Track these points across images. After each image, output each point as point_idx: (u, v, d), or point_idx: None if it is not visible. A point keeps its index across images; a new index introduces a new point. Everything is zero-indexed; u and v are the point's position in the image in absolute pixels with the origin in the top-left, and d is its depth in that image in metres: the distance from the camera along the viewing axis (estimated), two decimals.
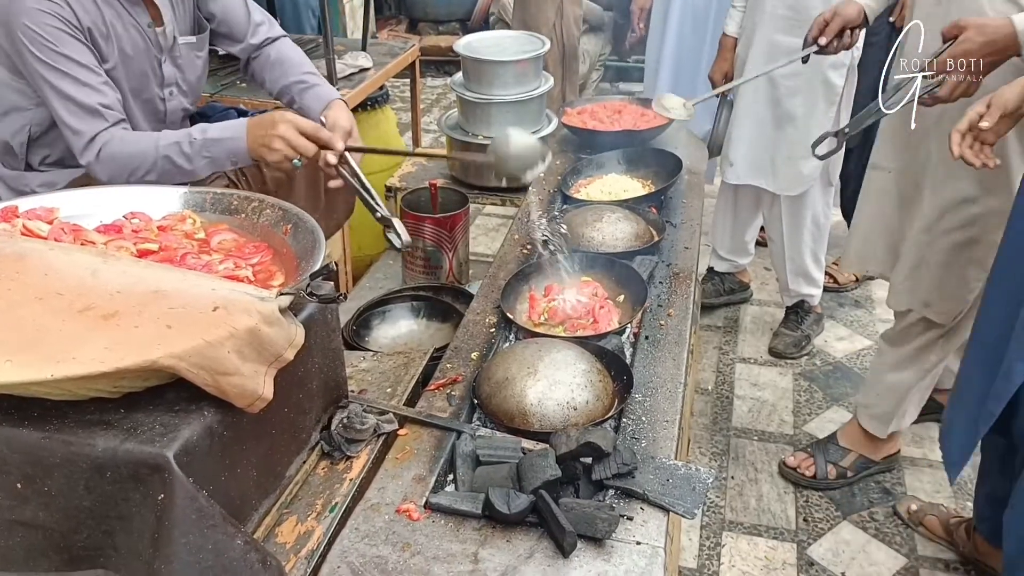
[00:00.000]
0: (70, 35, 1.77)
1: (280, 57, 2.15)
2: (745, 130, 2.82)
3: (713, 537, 2.31)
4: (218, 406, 1.07)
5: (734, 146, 2.86)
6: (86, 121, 1.79)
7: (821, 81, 2.64)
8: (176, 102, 2.08)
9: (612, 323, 1.69)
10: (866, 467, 2.47)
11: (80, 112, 1.79)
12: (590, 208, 2.08)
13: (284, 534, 1.24)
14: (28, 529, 1.04)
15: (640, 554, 1.19)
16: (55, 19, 1.75)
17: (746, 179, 2.88)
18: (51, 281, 1.11)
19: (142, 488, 1.00)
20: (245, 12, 2.13)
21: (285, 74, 2.13)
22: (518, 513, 1.21)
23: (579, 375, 1.47)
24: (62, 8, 1.75)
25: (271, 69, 2.15)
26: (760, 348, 3.11)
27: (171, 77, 2.03)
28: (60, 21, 1.75)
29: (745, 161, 2.85)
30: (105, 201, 1.47)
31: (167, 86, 2.03)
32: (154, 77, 1.99)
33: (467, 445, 1.37)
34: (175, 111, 2.09)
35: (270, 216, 1.44)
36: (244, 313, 1.07)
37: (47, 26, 1.74)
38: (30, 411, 1.03)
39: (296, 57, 2.17)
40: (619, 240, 1.97)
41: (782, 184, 2.82)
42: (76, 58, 1.78)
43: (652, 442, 1.41)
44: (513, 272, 1.87)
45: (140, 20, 1.91)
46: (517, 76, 2.67)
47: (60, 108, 1.79)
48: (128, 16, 1.89)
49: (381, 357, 1.68)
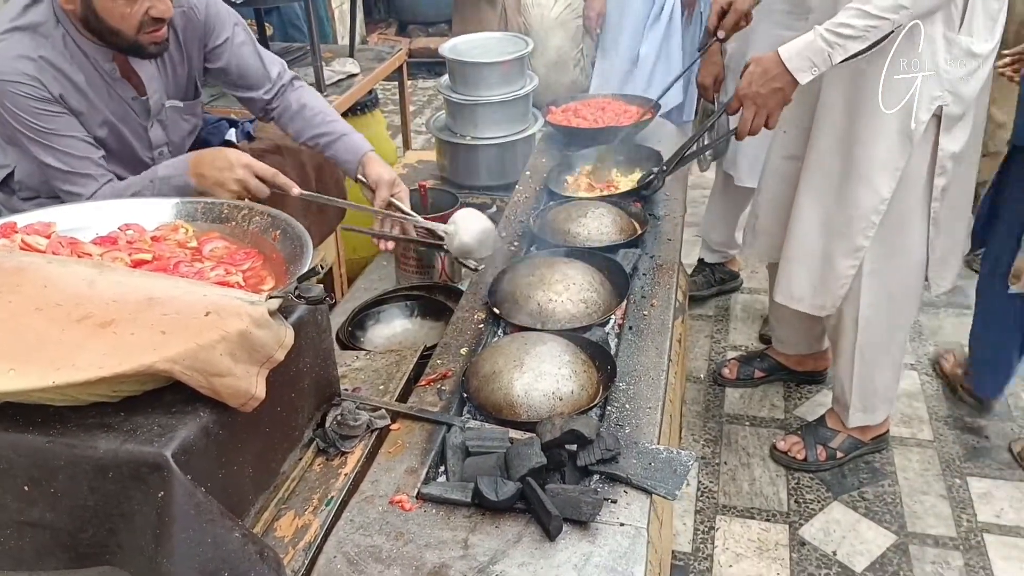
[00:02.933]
0: (45, 110, 1.77)
1: (301, 106, 2.12)
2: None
3: (707, 521, 2.36)
4: (213, 407, 1.11)
5: (741, 148, 2.89)
6: (79, 185, 1.83)
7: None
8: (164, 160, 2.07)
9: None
10: (855, 447, 2.52)
11: (71, 178, 1.83)
12: (574, 204, 2.13)
13: (282, 528, 1.29)
14: (36, 529, 1.09)
15: (624, 535, 1.24)
16: (28, 99, 1.75)
17: (748, 182, 2.92)
18: (50, 292, 1.16)
19: (143, 487, 1.05)
20: (258, 62, 2.09)
21: (310, 124, 2.11)
22: (506, 500, 1.26)
23: (564, 366, 1.52)
24: (30, 87, 1.75)
25: (293, 120, 2.13)
26: (751, 335, 3.15)
27: (158, 140, 2.03)
28: (34, 100, 1.76)
29: (747, 161, 2.89)
30: (100, 214, 1.51)
31: (156, 148, 2.04)
32: (139, 141, 2.00)
33: (457, 437, 1.42)
34: None
35: (259, 223, 1.49)
36: (235, 317, 1.12)
37: (24, 105, 1.76)
38: (34, 417, 1.08)
39: (317, 104, 2.14)
40: (604, 235, 2.02)
41: None
42: (58, 130, 1.80)
43: (636, 428, 1.46)
44: (500, 269, 1.92)
45: (124, 94, 1.91)
46: (502, 77, 2.72)
47: (52, 176, 1.83)
48: (113, 91, 1.89)
49: (374, 356, 1.73)
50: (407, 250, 2.50)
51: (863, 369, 2.35)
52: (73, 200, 1.82)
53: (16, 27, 1.76)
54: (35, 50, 1.76)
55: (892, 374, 2.39)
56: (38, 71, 1.76)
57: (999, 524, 2.32)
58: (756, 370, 2.86)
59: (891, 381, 2.41)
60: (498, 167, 2.80)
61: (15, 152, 1.92)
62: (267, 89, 2.11)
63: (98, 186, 1.84)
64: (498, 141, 2.77)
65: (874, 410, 2.44)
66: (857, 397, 2.40)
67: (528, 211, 2.24)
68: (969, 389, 2.72)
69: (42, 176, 1.90)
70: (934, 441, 2.61)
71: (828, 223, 2.18)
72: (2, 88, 1.75)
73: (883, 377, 2.38)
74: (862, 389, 2.39)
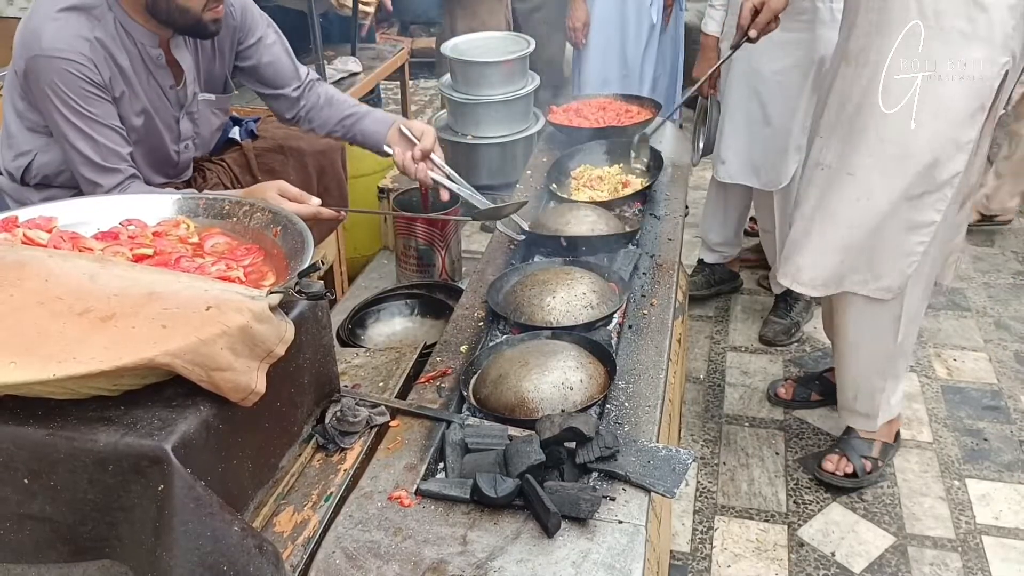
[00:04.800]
0: (93, 94, 1.80)
1: (329, 98, 2.21)
2: (737, 128, 2.86)
3: (706, 521, 2.37)
4: (213, 401, 1.12)
5: (726, 144, 2.90)
6: (103, 176, 1.85)
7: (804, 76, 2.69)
8: (188, 155, 2.13)
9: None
10: (887, 452, 2.48)
11: (98, 169, 1.84)
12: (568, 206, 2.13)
13: (281, 523, 1.30)
14: (36, 522, 1.10)
15: (622, 532, 1.25)
16: (80, 79, 1.77)
17: (738, 178, 2.93)
18: (51, 286, 1.16)
19: (143, 480, 1.05)
20: (289, 60, 2.17)
21: (338, 110, 2.19)
22: (505, 496, 1.26)
23: (569, 359, 1.54)
24: (86, 67, 1.77)
25: (322, 111, 2.20)
26: (750, 336, 3.16)
27: (187, 132, 2.08)
28: (85, 81, 1.78)
29: (737, 159, 2.89)
30: (102, 209, 1.52)
31: (183, 140, 2.08)
32: (169, 133, 2.03)
33: (456, 434, 1.43)
34: (186, 162, 2.15)
35: (261, 219, 1.50)
36: (236, 312, 1.13)
37: (75, 85, 1.77)
38: (34, 410, 1.09)
39: (341, 96, 2.25)
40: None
41: (765, 180, 2.88)
42: (98, 117, 1.82)
43: (635, 426, 1.46)
44: (501, 267, 1.92)
45: (164, 82, 1.95)
46: (504, 76, 2.73)
47: (79, 163, 1.84)
48: (152, 79, 1.92)
49: (373, 353, 1.73)
50: (407, 248, 2.50)
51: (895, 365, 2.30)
52: (93, 191, 1.85)
53: (71, 7, 1.78)
54: (91, 31, 1.79)
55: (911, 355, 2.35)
56: (92, 52, 1.78)
57: (998, 526, 2.32)
58: (813, 392, 2.77)
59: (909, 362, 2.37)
60: (499, 166, 2.81)
61: (39, 141, 1.92)
62: (296, 87, 2.18)
63: (122, 178, 1.86)
64: (499, 140, 2.77)
65: (894, 404, 2.40)
66: (887, 397, 2.35)
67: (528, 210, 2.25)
68: None
69: (62, 166, 1.91)
70: (933, 443, 2.61)
71: (898, 201, 2.04)
72: (56, 65, 1.76)
73: (905, 364, 2.33)
74: (892, 386, 2.35)
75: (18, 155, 1.96)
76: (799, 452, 2.60)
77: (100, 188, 1.85)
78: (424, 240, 2.46)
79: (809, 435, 2.67)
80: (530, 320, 1.72)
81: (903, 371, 2.38)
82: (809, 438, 2.66)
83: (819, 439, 2.65)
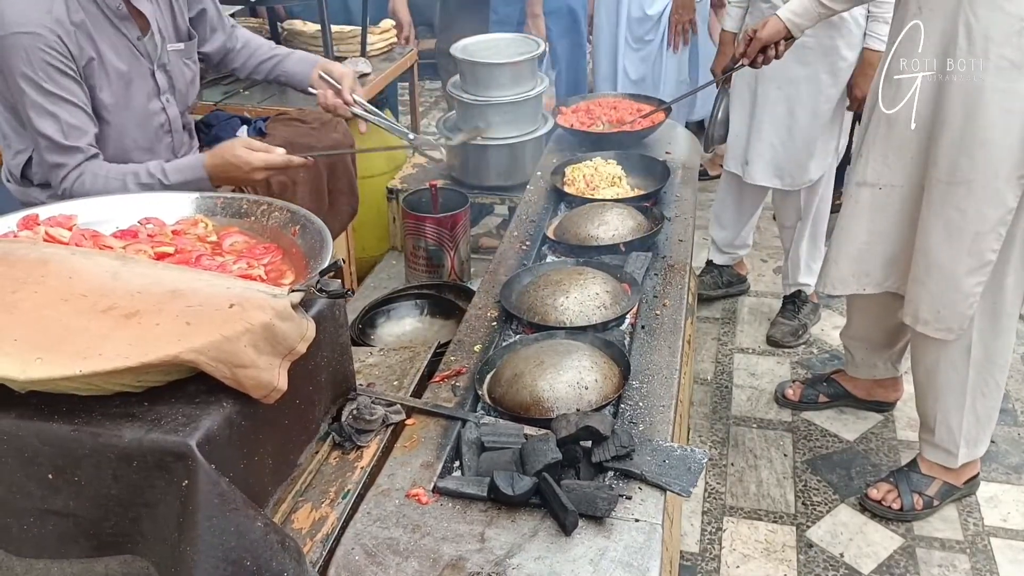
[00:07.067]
0: (58, 68, 1.78)
1: (247, 41, 2.30)
2: (762, 132, 2.85)
3: (714, 522, 2.37)
4: (236, 397, 1.13)
5: (751, 147, 2.89)
6: (64, 155, 1.83)
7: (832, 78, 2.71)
8: (173, 110, 2.10)
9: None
10: (950, 493, 2.38)
11: (60, 149, 1.83)
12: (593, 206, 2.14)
13: (300, 520, 1.30)
14: (59, 517, 1.10)
15: (639, 530, 1.25)
16: (44, 51, 1.75)
17: (762, 180, 2.93)
18: (75, 283, 1.17)
19: (167, 475, 1.06)
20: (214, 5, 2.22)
21: (256, 54, 2.29)
22: (522, 495, 1.27)
23: (584, 359, 1.55)
24: (48, 38, 1.75)
25: (241, 52, 2.29)
26: (758, 338, 3.16)
27: (164, 85, 2.05)
28: (48, 53, 1.75)
29: (762, 160, 2.89)
30: (120, 208, 1.53)
31: (162, 94, 2.05)
32: (147, 88, 2.01)
33: (472, 432, 1.44)
34: (176, 119, 2.11)
35: (279, 218, 1.51)
36: (259, 309, 1.14)
37: (39, 59, 1.75)
38: (59, 406, 1.09)
39: (259, 39, 2.34)
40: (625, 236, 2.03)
41: (788, 182, 2.89)
42: (63, 93, 1.80)
43: (649, 426, 1.47)
44: (513, 268, 1.93)
45: (130, 34, 1.93)
46: (513, 77, 2.73)
47: (44, 149, 1.84)
48: (118, 33, 1.90)
49: (388, 352, 1.74)
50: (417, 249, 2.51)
51: (973, 402, 2.23)
52: (56, 176, 1.85)
53: None
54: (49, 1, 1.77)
55: (998, 396, 2.26)
56: (54, 23, 1.76)
57: (1006, 528, 2.33)
58: (821, 394, 2.77)
59: (997, 405, 2.28)
60: (508, 167, 2.81)
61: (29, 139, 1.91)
62: (227, 32, 2.25)
63: (82, 158, 1.84)
64: (508, 142, 2.78)
65: (977, 443, 2.31)
66: (966, 434, 2.26)
67: (539, 211, 2.26)
68: None
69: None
70: None
71: (951, 240, 2.03)
72: (21, 41, 1.73)
73: (990, 405, 2.26)
74: (971, 423, 2.26)
75: (17, 153, 1.96)
76: (807, 454, 2.60)
77: (62, 169, 1.83)
78: (433, 241, 2.46)
79: (817, 437, 2.68)
80: (543, 320, 1.73)
81: (988, 412, 2.28)
82: (817, 440, 2.66)
83: (827, 441, 2.66)
